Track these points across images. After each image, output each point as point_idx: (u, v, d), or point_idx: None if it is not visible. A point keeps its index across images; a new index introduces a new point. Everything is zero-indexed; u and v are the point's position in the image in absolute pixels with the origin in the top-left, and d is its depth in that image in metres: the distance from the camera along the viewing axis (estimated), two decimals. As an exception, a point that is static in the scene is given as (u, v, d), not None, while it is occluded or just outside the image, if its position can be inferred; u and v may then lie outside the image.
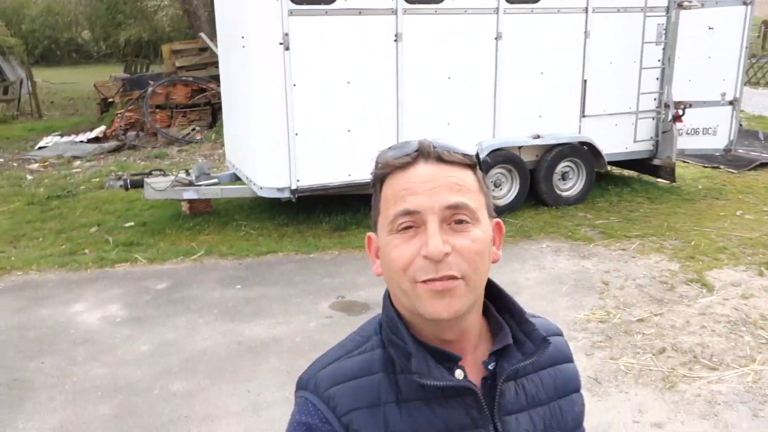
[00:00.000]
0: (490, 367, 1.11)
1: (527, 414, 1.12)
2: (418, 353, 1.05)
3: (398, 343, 1.08)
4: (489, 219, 1.10)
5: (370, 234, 1.15)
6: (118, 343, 4.94)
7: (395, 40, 6.97)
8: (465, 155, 1.07)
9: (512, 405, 1.11)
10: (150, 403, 4.15)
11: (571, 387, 1.22)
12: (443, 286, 1.01)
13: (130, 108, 13.35)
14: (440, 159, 1.05)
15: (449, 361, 1.06)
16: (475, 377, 1.09)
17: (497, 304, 1.17)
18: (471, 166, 1.08)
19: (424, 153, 1.06)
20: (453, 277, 1.01)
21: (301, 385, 1.12)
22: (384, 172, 1.08)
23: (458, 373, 1.06)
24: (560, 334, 1.26)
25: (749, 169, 9.68)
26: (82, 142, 12.83)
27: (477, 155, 1.10)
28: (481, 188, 1.09)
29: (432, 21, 7.09)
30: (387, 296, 1.13)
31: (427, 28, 7.09)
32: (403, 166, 1.05)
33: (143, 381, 4.40)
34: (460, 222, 1.03)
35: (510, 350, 1.12)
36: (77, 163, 11.27)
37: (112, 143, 12.45)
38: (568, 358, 1.24)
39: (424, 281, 1.01)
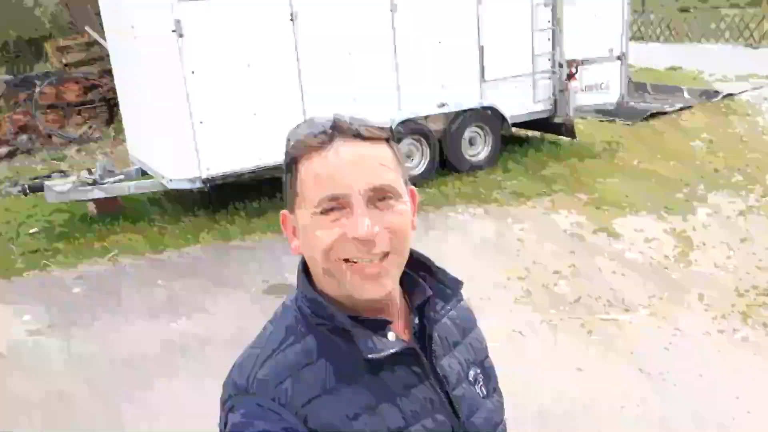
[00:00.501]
0: (416, 322, 1.15)
1: (453, 355, 1.19)
2: (357, 331, 1.05)
3: (329, 325, 1.07)
4: (406, 188, 1.10)
5: (284, 212, 1.13)
6: (40, 353, 4.75)
7: (291, 20, 6.90)
8: (381, 129, 1.06)
9: (440, 351, 1.16)
10: (81, 412, 4.04)
11: (473, 322, 1.29)
12: (373, 270, 1.02)
13: (18, 110, 12.66)
14: (358, 135, 1.04)
15: (381, 327, 1.09)
16: (406, 335, 1.13)
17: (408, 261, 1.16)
18: (387, 140, 1.08)
19: (341, 130, 1.04)
20: (387, 253, 1.02)
21: (239, 389, 1.06)
22: (299, 152, 1.05)
23: (391, 335, 1.08)
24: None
25: (642, 120, 10.18)
26: (-31, 150, 12.08)
27: (391, 128, 1.10)
28: (398, 161, 1.09)
29: (326, -3, 7.06)
30: (305, 279, 1.12)
31: (322, 5, 7.05)
32: (320, 146, 1.03)
33: (71, 390, 4.26)
34: (383, 199, 1.03)
35: (431, 300, 1.16)
36: (-33, 173, 10.62)
37: (3, 149, 11.78)
38: (462, 297, 1.29)
39: (354, 262, 1.02)
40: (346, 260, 1.03)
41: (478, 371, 1.23)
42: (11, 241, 7.06)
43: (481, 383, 1.22)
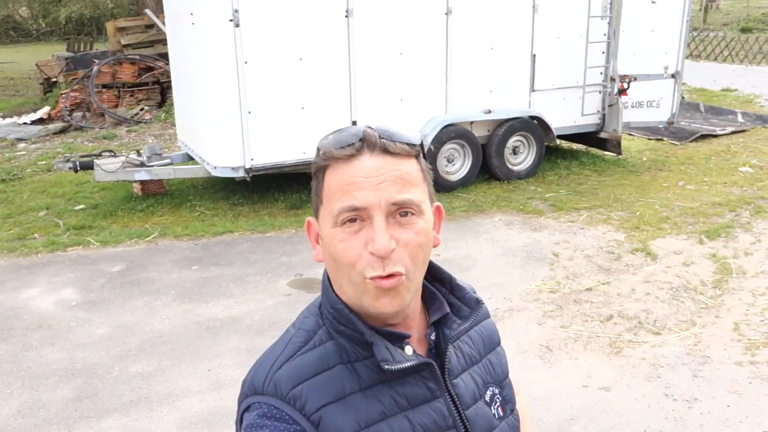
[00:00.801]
0: (432, 337, 1.17)
1: (468, 374, 1.19)
2: (376, 341, 1.07)
3: (351, 334, 1.09)
4: (430, 205, 1.11)
5: (310, 219, 1.14)
6: (74, 327, 4.91)
7: (346, 16, 6.97)
8: (410, 145, 1.06)
9: (456, 368, 1.17)
10: (110, 385, 4.16)
11: (496, 341, 1.29)
12: (390, 284, 1.03)
13: (75, 88, 13.02)
14: (386, 150, 1.04)
15: (399, 340, 1.10)
16: (422, 350, 1.15)
17: (428, 275, 1.18)
18: (416, 156, 1.08)
19: (370, 143, 1.04)
20: (396, 274, 1.03)
21: (256, 390, 1.08)
22: (326, 162, 1.06)
23: (408, 349, 1.10)
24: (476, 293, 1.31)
25: (691, 141, 10.00)
26: (25, 123, 12.48)
27: (421, 144, 1.11)
28: (424, 177, 1.09)
29: (382, -3, 7.11)
30: (328, 287, 1.12)
31: (378, 3, 7.11)
32: (347, 158, 1.04)
33: (102, 364, 4.40)
34: (405, 214, 1.04)
35: (448, 317, 1.17)
36: (22, 145, 10.98)
37: (58, 124, 12.14)
38: (488, 314, 1.31)
39: (372, 278, 1.03)
40: (365, 277, 1.04)
41: (497, 391, 1.24)
42: (58, 216, 7.29)
43: (498, 403, 1.23)
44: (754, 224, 6.49)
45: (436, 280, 1.22)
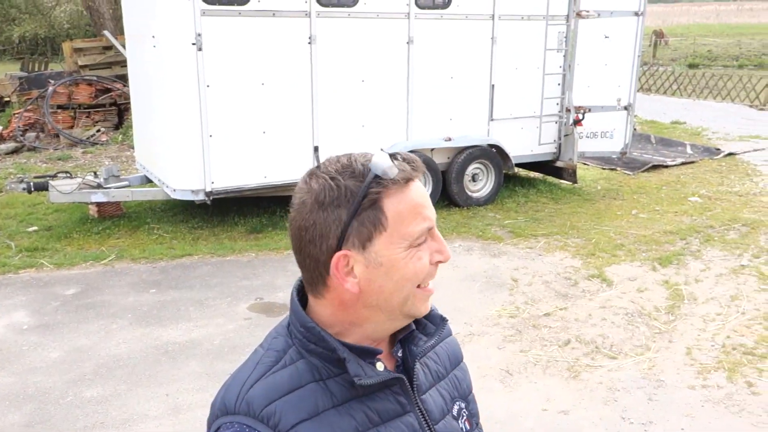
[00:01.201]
0: (399, 354, 1.20)
1: (436, 389, 1.23)
2: (349, 357, 1.09)
3: (321, 352, 1.10)
4: None
5: (348, 252, 1.07)
6: (26, 351, 4.78)
7: (309, 43, 7.03)
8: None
9: (424, 385, 1.20)
10: (63, 411, 4.06)
11: (459, 357, 1.34)
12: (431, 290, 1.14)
13: (29, 108, 12.78)
14: (418, 170, 1.12)
15: (371, 356, 1.13)
16: (390, 366, 1.18)
17: None
18: None
19: (414, 166, 1.10)
20: None
21: (227, 410, 1.07)
22: (381, 189, 1.05)
23: (379, 365, 1.13)
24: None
25: (643, 171, 10.30)
26: (-24, 142, 12.16)
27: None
28: None
29: (345, 24, 7.20)
30: (298, 306, 1.14)
31: (341, 31, 7.19)
32: (405, 182, 1.08)
33: (55, 388, 4.29)
34: None
35: (414, 334, 1.20)
36: (-28, 164, 10.70)
37: (10, 144, 11.87)
38: (450, 332, 1.36)
39: (425, 286, 1.12)
40: (418, 285, 1.12)
41: (463, 406, 1.27)
42: (10, 237, 7.11)
43: (465, 417, 1.26)
44: (703, 252, 6.70)
45: None
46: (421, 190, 1.10)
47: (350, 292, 1.09)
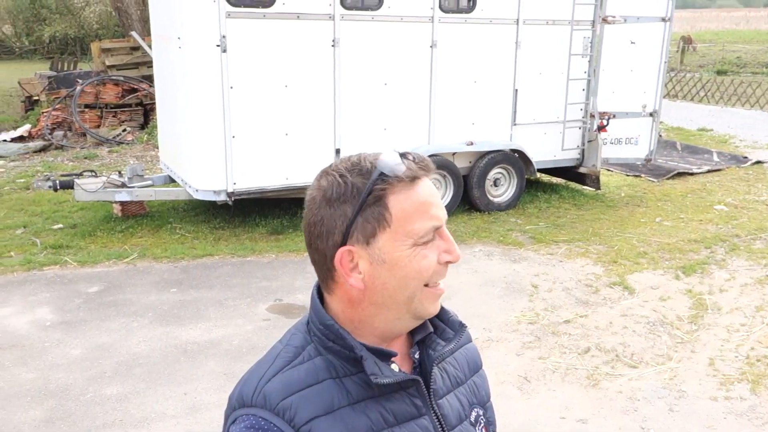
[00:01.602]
0: (416, 356, 1.20)
1: (454, 395, 1.23)
2: (367, 356, 1.09)
3: (339, 350, 1.11)
4: None
5: (351, 248, 1.09)
6: (49, 347, 4.84)
7: (333, 46, 7.05)
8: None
9: (441, 389, 1.20)
10: (83, 407, 4.10)
11: (479, 364, 1.34)
12: (442, 290, 1.14)
13: (57, 107, 12.97)
14: (429, 169, 1.12)
15: (386, 358, 1.13)
16: (406, 368, 1.18)
17: None
18: None
19: (422, 166, 1.10)
20: None
21: (244, 402, 1.09)
22: (386, 186, 1.07)
23: (393, 367, 1.13)
24: None
25: (667, 178, 10.18)
26: (5, 141, 12.37)
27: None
28: None
29: (369, 27, 7.21)
30: (318, 304, 1.15)
31: (364, 34, 7.20)
32: (412, 180, 1.08)
33: (75, 385, 4.34)
34: None
35: (432, 338, 1.20)
36: (0, 162, 10.88)
37: (38, 143, 12.05)
38: (470, 338, 1.36)
39: (433, 285, 1.12)
40: (426, 284, 1.11)
41: (481, 413, 1.27)
42: (36, 234, 7.21)
43: (482, 425, 1.26)
44: (728, 261, 6.60)
45: None
46: (429, 190, 1.10)
47: (356, 288, 1.10)
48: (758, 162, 11.35)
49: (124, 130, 12.65)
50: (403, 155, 1.09)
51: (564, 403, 4.17)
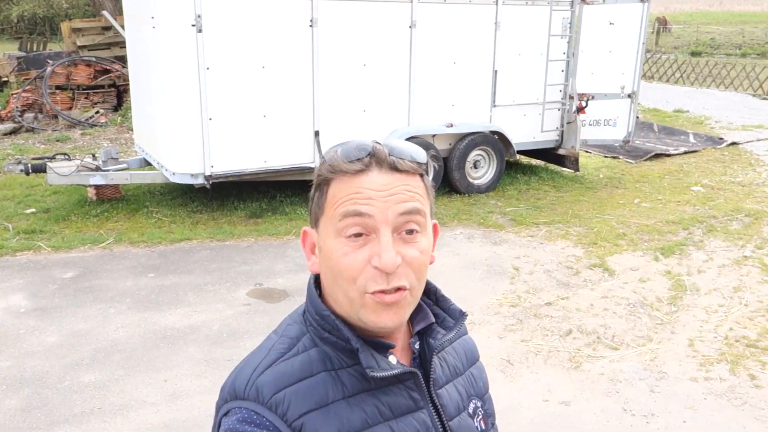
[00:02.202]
0: (416, 347, 1.16)
1: (453, 385, 1.19)
2: (363, 348, 1.06)
3: (335, 341, 1.08)
4: (430, 223, 1.11)
5: (307, 228, 1.12)
6: (23, 334, 4.74)
7: (311, 26, 6.94)
8: (418, 164, 1.06)
9: (441, 379, 1.17)
10: (60, 396, 4.02)
11: (476, 355, 1.31)
12: (393, 299, 1.02)
13: (27, 88, 12.67)
14: (394, 167, 1.04)
15: (384, 349, 1.10)
16: (406, 359, 1.14)
17: None
18: (421, 174, 1.08)
19: (379, 160, 1.03)
20: (402, 288, 1.03)
21: (237, 395, 1.05)
22: (333, 175, 1.05)
23: (391, 359, 1.09)
24: None
25: (645, 160, 10.24)
26: (-27, 123, 12.08)
27: (427, 161, 1.09)
28: (428, 194, 1.09)
29: (347, 7, 7.11)
30: (314, 293, 1.12)
31: (343, 14, 7.10)
32: (355, 173, 1.03)
33: (52, 373, 4.25)
34: (411, 232, 1.03)
35: (432, 327, 1.17)
36: (-31, 145, 10.62)
37: (8, 125, 11.78)
38: (467, 330, 1.33)
39: (373, 292, 1.02)
40: (372, 292, 1.03)
41: (479, 404, 1.24)
42: (7, 219, 7.05)
43: (480, 416, 1.23)
44: (706, 242, 6.66)
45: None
46: (373, 184, 1.02)
47: (316, 272, 1.11)
48: (734, 143, 11.46)
49: (97, 112, 12.41)
50: (377, 146, 1.05)
51: (547, 385, 4.17)
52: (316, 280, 1.14)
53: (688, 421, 3.82)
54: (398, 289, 1.02)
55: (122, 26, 8.74)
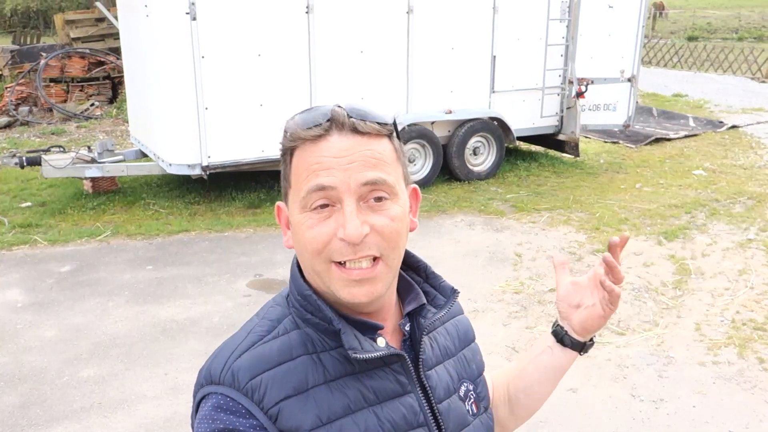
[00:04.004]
0: (407, 328, 1.10)
1: (443, 366, 1.13)
2: (346, 329, 1.00)
3: (318, 322, 1.02)
4: (406, 188, 1.05)
5: (279, 204, 1.08)
6: (21, 329, 4.67)
7: (307, 12, 6.84)
8: (381, 124, 0.99)
9: (431, 360, 1.11)
10: (59, 391, 3.96)
11: (471, 337, 1.24)
12: (361, 275, 0.97)
13: (21, 81, 12.54)
14: (355, 130, 0.97)
15: (372, 331, 1.03)
16: (395, 341, 1.08)
17: (402, 263, 1.10)
18: (388, 135, 1.01)
19: (338, 123, 0.97)
20: (372, 258, 0.97)
21: (212, 380, 1.00)
22: (293, 144, 0.99)
23: (380, 341, 1.03)
24: None
25: (645, 144, 10.16)
26: (-33, 117, 11.95)
27: (394, 122, 1.03)
28: (398, 158, 1.03)
29: (343, -7, 7.00)
30: (297, 273, 1.06)
31: (339, 0, 6.99)
32: (314, 139, 0.97)
33: (50, 368, 4.19)
34: (379, 199, 0.97)
35: (424, 307, 1.11)
36: (-37, 140, 10.52)
37: (3, 119, 11.67)
38: (461, 310, 1.27)
39: (341, 263, 0.97)
40: (337, 263, 0.97)
41: (471, 387, 1.18)
42: (3, 213, 6.97)
43: (472, 400, 1.17)
44: (709, 226, 6.59)
45: (411, 268, 1.17)
46: (333, 150, 0.96)
47: (291, 247, 1.05)
48: (734, 126, 11.38)
49: (92, 105, 12.30)
50: (336, 109, 0.98)
51: (553, 372, 4.11)
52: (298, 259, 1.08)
53: (698, 406, 3.76)
54: (368, 259, 0.97)
55: (116, 17, 8.63)
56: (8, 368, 4.19)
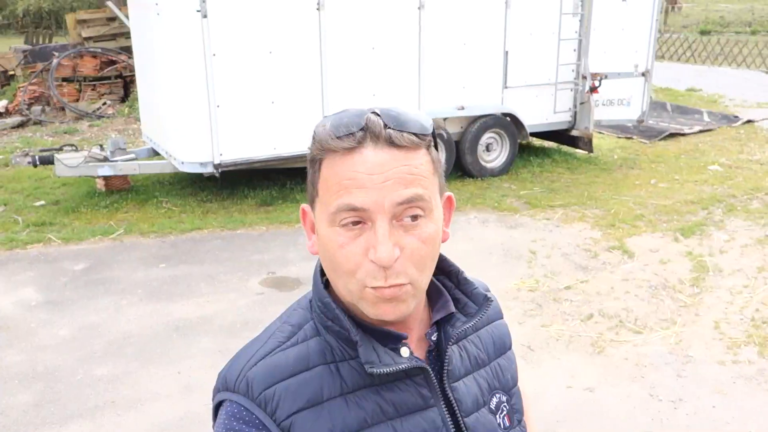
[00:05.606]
0: (433, 338, 1.05)
1: (473, 377, 1.08)
2: (363, 341, 0.97)
3: (338, 330, 0.99)
4: (440, 198, 0.99)
5: (305, 207, 1.02)
6: (35, 328, 4.67)
7: (318, 9, 6.80)
8: (420, 136, 0.93)
9: (458, 370, 1.06)
10: (73, 390, 3.95)
11: (507, 344, 1.18)
12: (392, 294, 0.92)
13: (33, 81, 12.59)
14: (392, 143, 0.91)
15: (395, 341, 0.99)
16: (420, 351, 1.04)
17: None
18: (426, 146, 0.95)
19: (373, 134, 0.91)
20: (402, 285, 0.93)
21: (227, 386, 0.98)
22: (322, 155, 0.94)
23: (404, 351, 0.99)
24: (489, 291, 1.17)
25: (660, 140, 10.06)
26: (-19, 117, 12.01)
27: (433, 132, 0.97)
28: (435, 169, 0.96)
29: (355, -10, 6.96)
30: (319, 279, 1.03)
31: (350, -5, 6.96)
32: (346, 150, 0.91)
33: (64, 367, 4.19)
34: (415, 217, 0.92)
35: (453, 316, 1.06)
36: (-23, 139, 10.56)
37: (16, 118, 11.71)
38: (500, 314, 1.21)
39: (373, 287, 0.93)
40: (365, 285, 0.93)
41: (504, 399, 1.12)
42: (17, 212, 6.99)
43: (505, 412, 1.11)
44: (726, 222, 6.51)
45: (443, 273, 1.11)
46: (367, 166, 0.89)
47: (316, 254, 1.01)
48: (749, 121, 11.25)
49: (104, 104, 12.32)
50: (371, 117, 0.92)
51: (570, 371, 4.07)
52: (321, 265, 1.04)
53: (718, 406, 3.70)
54: (402, 285, 0.93)
55: (127, 16, 8.62)
56: (22, 367, 4.18)
